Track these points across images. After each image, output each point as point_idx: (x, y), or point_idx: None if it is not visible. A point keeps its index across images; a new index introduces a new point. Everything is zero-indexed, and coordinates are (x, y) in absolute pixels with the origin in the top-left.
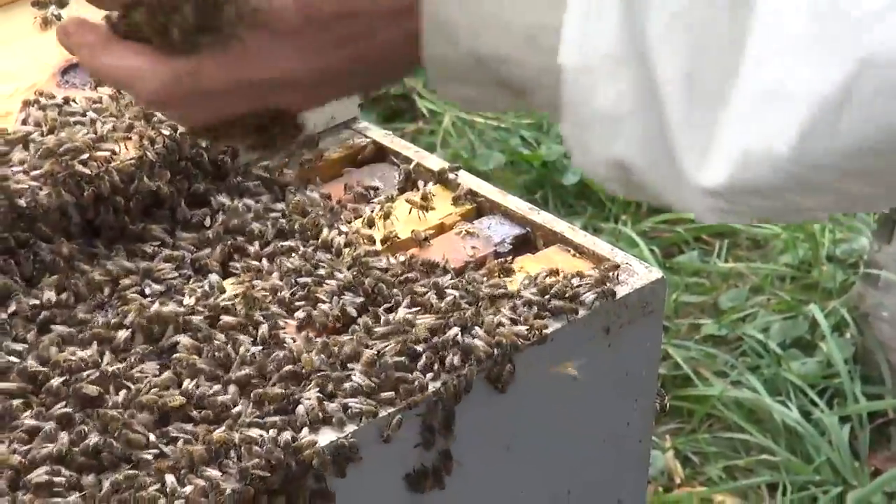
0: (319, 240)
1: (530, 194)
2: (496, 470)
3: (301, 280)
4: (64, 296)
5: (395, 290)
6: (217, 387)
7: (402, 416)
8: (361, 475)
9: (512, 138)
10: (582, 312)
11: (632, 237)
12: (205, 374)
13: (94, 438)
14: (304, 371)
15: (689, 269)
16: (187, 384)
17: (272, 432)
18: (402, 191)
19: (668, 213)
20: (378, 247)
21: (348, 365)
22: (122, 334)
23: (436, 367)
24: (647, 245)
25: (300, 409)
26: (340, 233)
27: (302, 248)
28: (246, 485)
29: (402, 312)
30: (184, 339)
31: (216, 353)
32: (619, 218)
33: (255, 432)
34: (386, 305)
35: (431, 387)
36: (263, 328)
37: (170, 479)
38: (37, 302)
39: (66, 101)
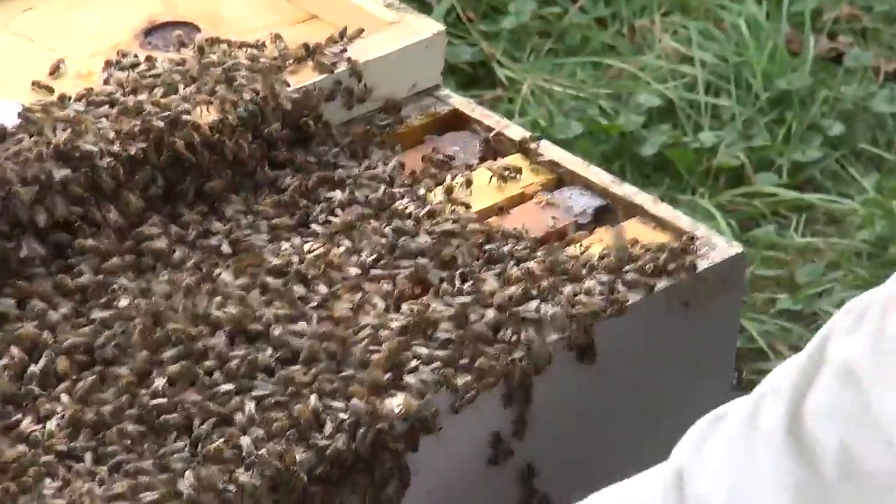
0: (400, 207)
1: (608, 164)
2: (570, 436)
3: (381, 247)
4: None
5: (474, 260)
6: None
7: (480, 386)
8: (438, 444)
9: (590, 108)
10: (661, 285)
11: (709, 210)
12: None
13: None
14: (381, 337)
15: (765, 242)
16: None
17: (350, 402)
18: (482, 159)
19: (746, 185)
20: (457, 215)
21: (426, 332)
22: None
23: (515, 337)
24: (724, 218)
25: (377, 375)
26: (421, 201)
27: (382, 215)
28: (322, 455)
29: (480, 282)
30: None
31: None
32: (696, 190)
33: (332, 402)
34: (464, 274)
35: (510, 358)
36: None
37: (245, 441)
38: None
39: (149, 61)
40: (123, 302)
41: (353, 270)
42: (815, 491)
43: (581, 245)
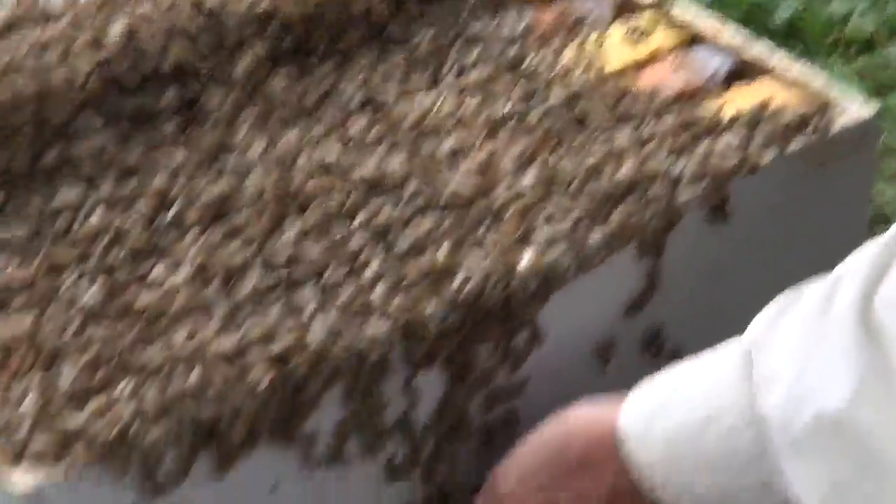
0: (532, 65)
1: None
2: (699, 296)
3: (513, 104)
4: None
5: (605, 118)
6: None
7: (612, 243)
8: (567, 300)
9: None
10: (794, 146)
11: (841, 76)
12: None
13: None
14: (513, 192)
15: None
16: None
17: (482, 254)
18: (615, 17)
19: (878, 54)
20: (590, 74)
21: (559, 189)
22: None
23: (648, 194)
24: (858, 85)
25: (509, 229)
26: (553, 59)
27: (514, 73)
28: (453, 306)
29: (612, 140)
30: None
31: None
32: (829, 57)
33: (464, 254)
34: (597, 132)
35: (643, 214)
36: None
37: (378, 292)
38: None
39: None
40: (254, 153)
41: (485, 127)
42: (881, 381)
43: (714, 104)
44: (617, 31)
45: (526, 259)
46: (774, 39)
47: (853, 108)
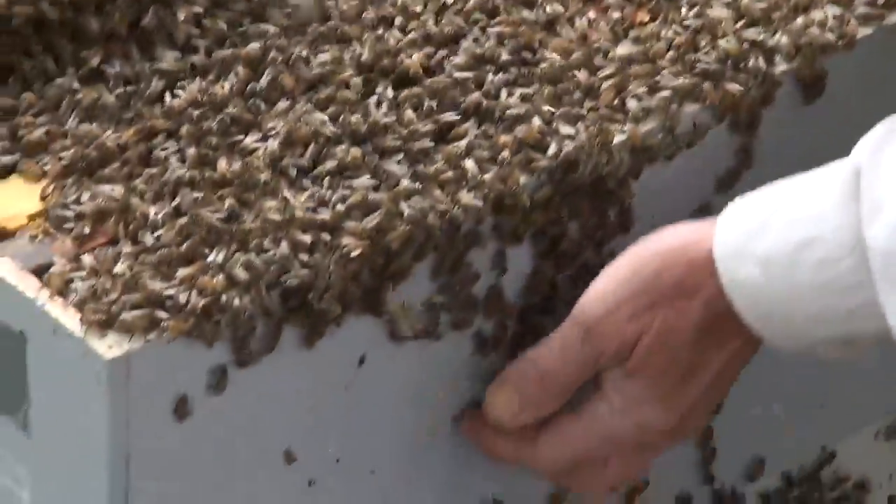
0: None
1: None
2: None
3: None
4: None
5: None
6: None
7: (705, 117)
8: (657, 178)
9: None
10: (891, 20)
11: None
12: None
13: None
14: (608, 64)
15: None
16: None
17: (576, 126)
18: None
19: None
20: None
21: (654, 61)
22: None
23: (744, 66)
24: None
25: (604, 100)
26: None
27: None
28: (548, 177)
29: (709, 12)
30: None
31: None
32: None
33: (559, 126)
34: (693, 4)
35: (738, 87)
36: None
37: (470, 163)
38: None
39: None
40: (353, 26)
41: None
42: None
43: None
44: None
45: (620, 133)
46: None
47: None
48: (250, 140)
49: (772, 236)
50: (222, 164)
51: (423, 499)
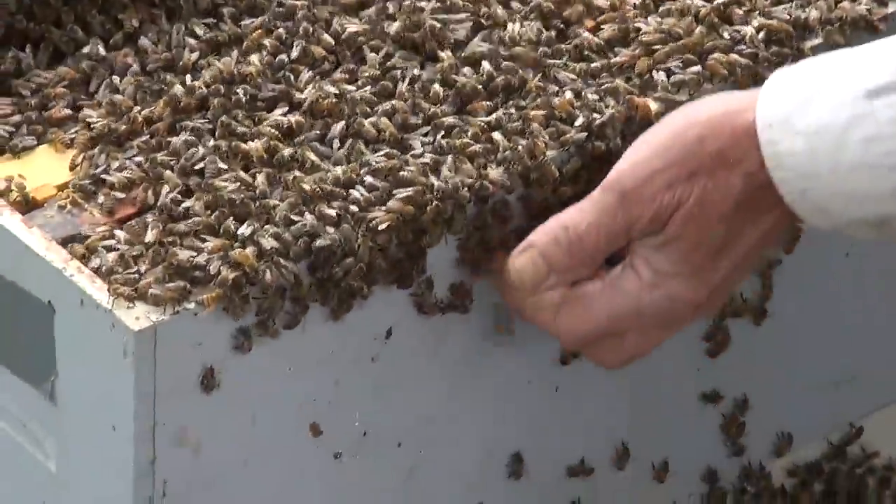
0: None
1: None
2: None
3: None
4: None
5: None
6: None
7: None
8: None
9: None
10: None
11: None
12: None
13: None
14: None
15: None
16: None
17: (600, 103)
18: None
19: None
20: None
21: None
22: None
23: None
24: None
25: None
26: None
27: None
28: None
29: None
30: None
31: None
32: None
33: (587, 96)
34: None
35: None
36: None
37: (498, 136)
38: None
39: None
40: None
41: None
42: None
43: None
44: None
45: (651, 105)
46: None
47: None
48: (278, 112)
49: (819, 110)
50: (250, 137)
51: (450, 471)
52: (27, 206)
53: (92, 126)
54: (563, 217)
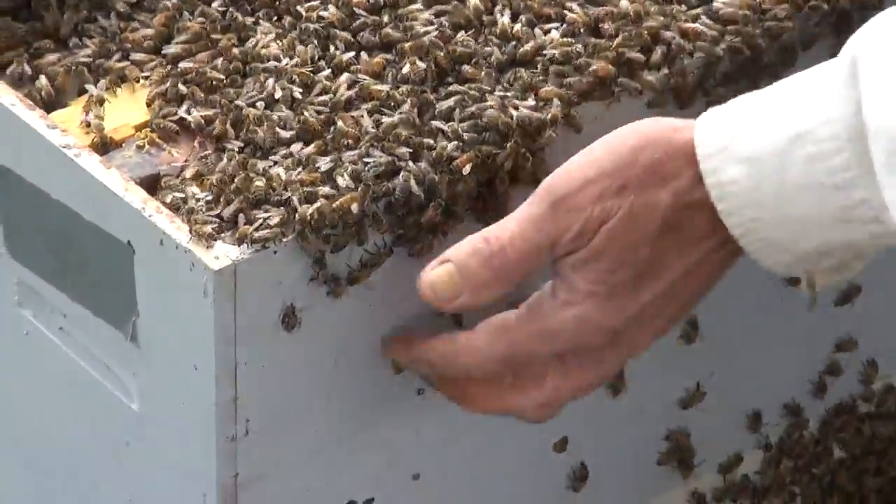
0: None
1: None
2: None
3: None
4: None
5: None
6: None
7: None
8: None
9: None
10: None
11: None
12: None
13: None
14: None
15: None
16: None
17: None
18: None
19: None
20: None
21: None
22: None
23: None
24: None
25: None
26: None
27: None
28: None
29: None
30: None
31: None
32: None
33: None
34: None
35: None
36: None
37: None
38: None
39: None
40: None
41: None
42: None
43: None
44: None
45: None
46: None
47: None
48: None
49: (760, 133)
50: (323, 78)
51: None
52: (105, 146)
53: (166, 63)
54: (484, 230)
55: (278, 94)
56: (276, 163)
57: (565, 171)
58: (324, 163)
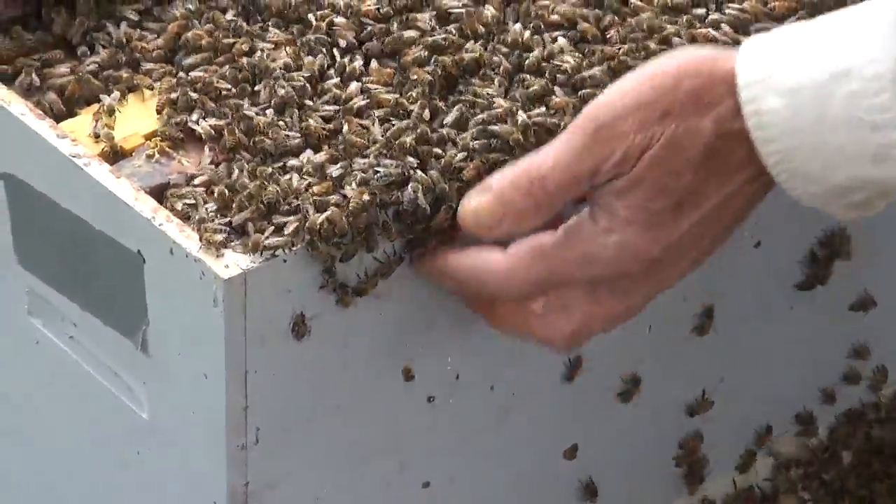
0: None
1: None
2: None
3: None
4: None
5: None
6: None
7: None
8: None
9: None
10: None
11: None
12: None
13: None
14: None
15: None
16: None
17: None
18: None
19: None
20: None
21: None
22: None
23: None
24: None
25: None
26: None
27: None
28: None
29: None
30: None
31: None
32: None
33: None
34: None
35: None
36: None
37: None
38: None
39: None
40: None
41: None
42: None
43: None
44: None
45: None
46: None
47: None
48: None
49: (802, 66)
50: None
51: (542, 415)
52: (115, 156)
53: (176, 72)
54: (525, 159)
55: (287, 102)
56: (287, 170)
57: (607, 100)
58: (334, 170)
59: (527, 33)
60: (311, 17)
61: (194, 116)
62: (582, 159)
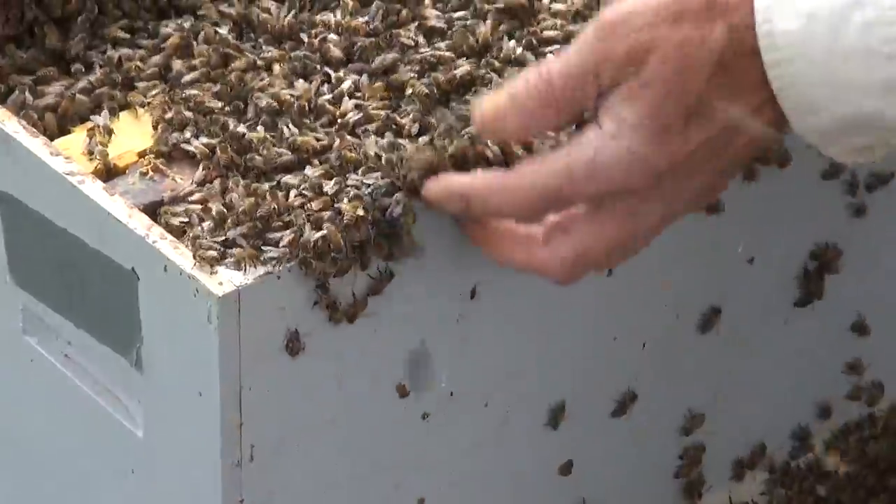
0: None
1: None
2: None
3: None
4: None
5: None
6: None
7: None
8: None
9: None
10: None
11: None
12: None
13: None
14: None
15: None
16: None
17: None
18: None
19: None
20: None
21: None
22: None
23: None
24: None
25: None
26: None
27: None
28: None
29: None
30: None
31: None
32: None
33: None
34: None
35: None
36: None
37: None
38: None
39: None
40: None
41: None
42: None
43: None
44: None
45: None
46: None
47: None
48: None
49: None
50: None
51: (538, 428)
52: (109, 173)
53: (168, 89)
54: (540, 63)
55: (269, 112)
56: (281, 187)
57: (618, 1)
58: (328, 186)
59: (519, 49)
60: (303, 35)
61: (187, 134)
62: (584, 55)
